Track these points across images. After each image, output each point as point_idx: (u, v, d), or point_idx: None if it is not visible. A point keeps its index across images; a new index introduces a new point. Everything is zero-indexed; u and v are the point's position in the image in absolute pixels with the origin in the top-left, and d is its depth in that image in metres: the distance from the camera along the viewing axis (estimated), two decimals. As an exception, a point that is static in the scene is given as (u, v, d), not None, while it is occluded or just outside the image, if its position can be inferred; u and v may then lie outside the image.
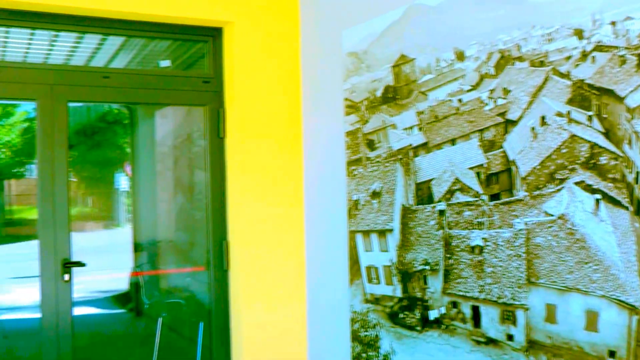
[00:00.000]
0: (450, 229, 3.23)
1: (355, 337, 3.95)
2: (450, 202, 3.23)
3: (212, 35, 4.42)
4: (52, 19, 4.03)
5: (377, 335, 3.78)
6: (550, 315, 2.73)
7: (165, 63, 4.82)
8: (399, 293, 3.60)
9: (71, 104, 4.13)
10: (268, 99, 4.36)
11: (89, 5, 3.91)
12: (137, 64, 5.07)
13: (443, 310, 3.30)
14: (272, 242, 4.36)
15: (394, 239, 3.61)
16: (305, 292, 4.42)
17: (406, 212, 3.52)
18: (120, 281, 8.86)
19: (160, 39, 4.64)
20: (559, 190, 2.67)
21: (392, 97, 3.65)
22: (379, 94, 3.74)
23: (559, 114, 2.67)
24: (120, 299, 8.90)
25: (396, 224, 3.59)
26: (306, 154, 4.42)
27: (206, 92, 4.43)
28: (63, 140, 4.03)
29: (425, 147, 3.40)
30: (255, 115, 4.33)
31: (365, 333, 3.87)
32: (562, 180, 2.66)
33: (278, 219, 4.38)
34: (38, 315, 4.04)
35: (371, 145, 3.79)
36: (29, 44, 4.53)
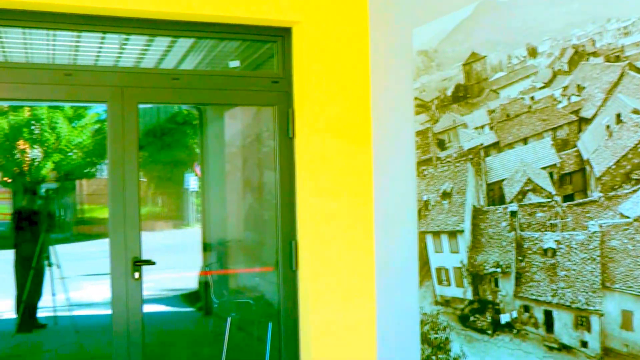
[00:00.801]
0: (522, 230, 3.20)
1: (425, 340, 3.96)
2: (522, 203, 3.20)
3: (281, 35, 4.49)
4: (123, 23, 4.16)
5: (447, 338, 3.78)
6: (627, 322, 2.68)
7: (234, 64, 4.92)
8: (469, 295, 3.58)
9: (141, 106, 4.24)
10: (337, 99, 4.39)
11: (158, 8, 4.03)
12: (207, 65, 5.20)
13: (515, 314, 3.27)
14: (342, 243, 4.40)
15: (464, 241, 3.60)
16: (374, 293, 4.44)
17: (477, 213, 3.50)
18: (189, 280, 9.09)
19: (230, 40, 4.74)
20: (635, 191, 2.61)
21: (462, 95, 3.64)
22: (449, 92, 3.74)
23: (636, 111, 2.61)
24: (190, 297, 9.13)
25: (467, 225, 3.58)
26: (376, 154, 4.45)
27: (275, 92, 4.49)
28: (133, 141, 4.16)
29: (496, 146, 3.38)
30: (325, 114, 4.37)
31: (435, 335, 3.87)
32: (638, 181, 2.60)
33: (347, 219, 4.41)
34: (108, 312, 4.17)
35: (441, 145, 3.78)
36: (100, 47, 4.71)
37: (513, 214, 3.26)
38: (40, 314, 8.62)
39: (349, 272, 4.40)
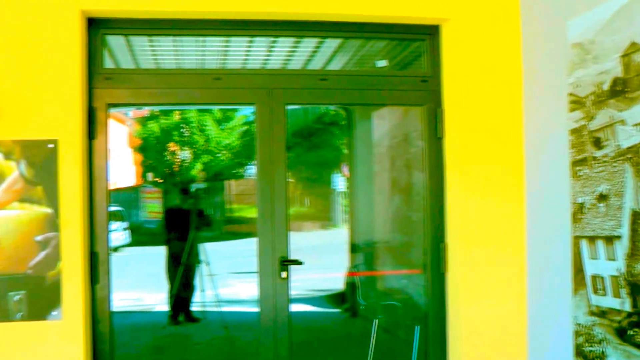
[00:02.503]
0: (686, 236, 3.11)
1: (579, 352, 3.89)
2: (686, 207, 3.11)
3: (429, 33, 4.53)
4: (271, 26, 4.38)
5: (603, 352, 3.69)
6: None
7: (382, 63, 5.04)
8: (627, 307, 3.49)
9: (289, 107, 4.41)
10: (488, 97, 4.40)
11: (306, 10, 4.21)
12: (354, 65, 5.36)
13: (678, 327, 3.18)
14: (492, 245, 4.39)
15: (622, 247, 3.52)
16: (525, 299, 4.41)
17: (637, 217, 3.42)
18: (336, 281, 9.32)
19: (377, 40, 4.87)
20: None
21: (621, 90, 3.57)
22: (606, 87, 3.67)
23: None
24: (336, 298, 9.36)
25: (625, 231, 3.50)
26: (527, 153, 4.42)
27: (424, 91, 4.54)
28: (281, 142, 4.36)
29: (658, 145, 3.29)
30: (475, 113, 4.39)
31: (590, 348, 3.80)
32: None
33: (498, 221, 4.40)
34: (256, 309, 4.39)
35: (598, 143, 3.72)
36: (248, 50, 4.98)
37: (676, 218, 3.17)
38: (193, 308, 9.16)
39: (499, 276, 4.39)
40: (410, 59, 4.96)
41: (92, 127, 4.16)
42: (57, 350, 3.94)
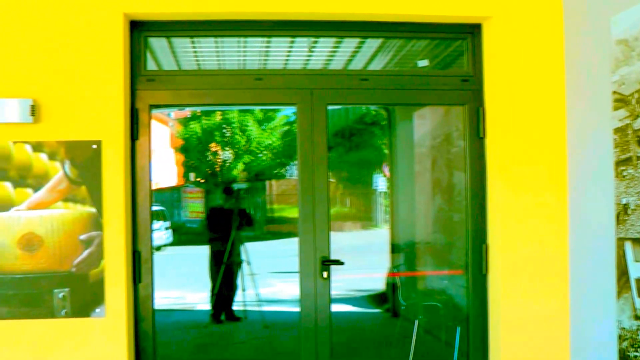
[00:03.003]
0: None
1: (623, 357, 3.84)
2: None
3: (470, 32, 4.52)
4: (312, 26, 4.43)
5: (648, 356, 3.65)
6: None
7: (423, 63, 5.03)
8: (673, 309, 3.45)
9: (330, 107, 4.44)
10: (530, 96, 4.36)
11: (347, 10, 4.22)
12: (395, 65, 5.36)
13: None
14: (534, 247, 4.35)
15: (668, 248, 3.48)
16: (568, 302, 4.37)
17: (683, 217, 3.38)
18: (376, 281, 9.32)
19: (418, 39, 4.87)
20: None
21: (667, 90, 3.53)
22: (652, 86, 3.63)
23: None
24: (377, 298, 9.36)
25: (671, 231, 3.46)
26: (570, 154, 4.38)
27: (465, 90, 4.53)
28: (322, 142, 4.39)
29: None
30: (517, 113, 4.36)
31: (635, 353, 3.74)
32: None
33: (540, 222, 4.36)
34: (297, 309, 4.43)
35: (643, 143, 3.68)
36: (289, 51, 5.01)
37: None
38: (235, 307, 9.24)
39: (541, 278, 4.35)
40: (451, 58, 4.95)
41: (135, 128, 4.24)
42: (101, 347, 4.02)
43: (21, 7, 4.03)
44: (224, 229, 9.36)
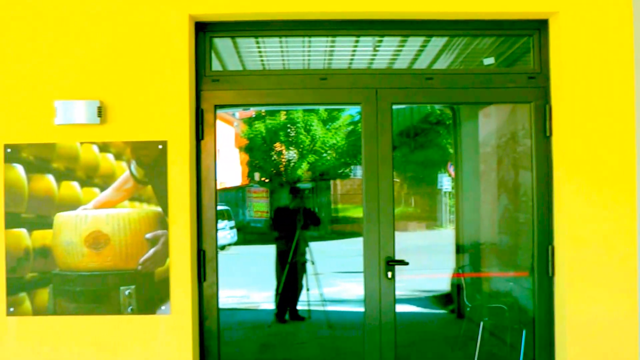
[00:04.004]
0: None
1: (697, 359, 3.77)
2: None
3: (537, 28, 4.47)
4: (376, 25, 4.43)
5: None
6: None
7: (488, 61, 5.00)
8: None
9: (395, 106, 4.45)
10: (598, 93, 4.28)
11: (412, 9, 4.22)
12: (460, 63, 5.34)
13: None
14: (602, 249, 4.27)
15: None
16: (637, 304, 4.28)
17: None
18: (441, 282, 9.27)
19: (483, 37, 4.83)
20: None
21: None
22: None
23: None
24: (441, 299, 9.31)
25: None
26: (639, 152, 4.31)
27: (531, 88, 4.47)
28: (387, 142, 4.40)
29: None
30: (585, 111, 4.28)
31: None
32: None
33: (608, 223, 4.27)
34: (361, 309, 4.44)
35: None
36: (354, 50, 5.04)
37: None
38: (299, 307, 9.31)
39: (609, 280, 4.26)
40: (517, 55, 4.90)
41: (200, 128, 4.32)
42: (166, 344, 4.11)
43: (89, 9, 4.15)
44: (289, 228, 9.43)
